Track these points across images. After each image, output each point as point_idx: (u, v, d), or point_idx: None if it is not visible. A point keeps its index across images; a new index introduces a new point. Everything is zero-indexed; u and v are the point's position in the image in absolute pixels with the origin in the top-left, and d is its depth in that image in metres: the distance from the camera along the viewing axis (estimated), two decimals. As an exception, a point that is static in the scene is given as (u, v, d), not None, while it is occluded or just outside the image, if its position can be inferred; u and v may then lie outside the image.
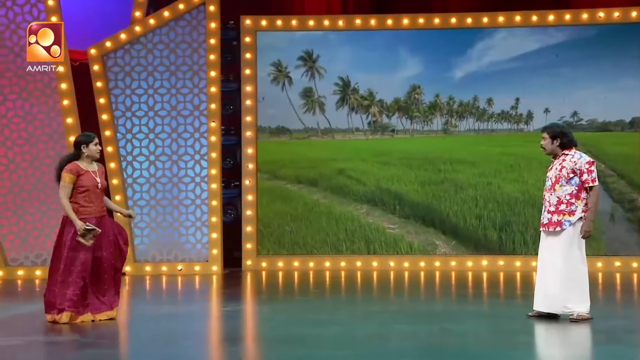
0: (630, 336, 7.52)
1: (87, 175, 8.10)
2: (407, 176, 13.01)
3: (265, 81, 13.08)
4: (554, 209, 8.01)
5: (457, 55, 12.91)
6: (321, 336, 7.49)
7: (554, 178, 8.08)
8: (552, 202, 8.04)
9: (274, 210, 13.06)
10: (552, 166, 8.22)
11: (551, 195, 8.06)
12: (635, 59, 12.40)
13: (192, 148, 12.45)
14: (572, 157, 8.06)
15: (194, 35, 12.43)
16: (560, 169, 8.05)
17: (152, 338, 7.50)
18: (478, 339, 7.43)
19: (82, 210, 8.02)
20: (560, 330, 7.74)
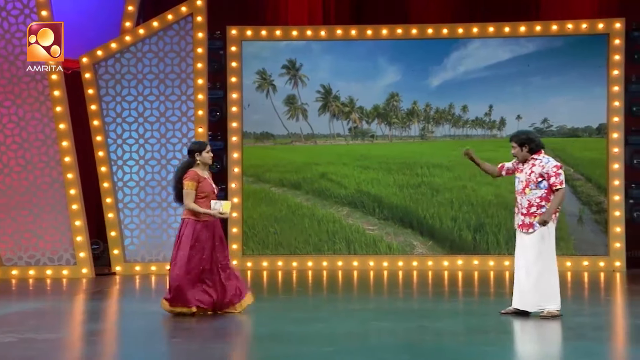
0: (598, 333, 7.56)
1: (206, 181, 8.23)
2: (386, 180, 13.03)
3: (250, 89, 13.06)
4: (525, 211, 8.07)
5: (434, 64, 12.94)
6: (304, 333, 7.48)
7: (524, 182, 8.12)
8: (523, 205, 8.08)
9: (259, 212, 13.03)
10: (521, 169, 8.24)
11: (522, 199, 8.10)
12: (601, 69, 12.48)
13: (180, 153, 12.40)
14: (540, 162, 8.11)
15: (181, 45, 12.40)
16: (530, 174, 8.10)
17: (141, 335, 7.46)
18: (454, 335, 7.44)
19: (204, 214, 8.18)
20: (532, 327, 7.76)
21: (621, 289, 10.82)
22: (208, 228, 8.28)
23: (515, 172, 8.27)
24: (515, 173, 8.27)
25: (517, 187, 8.18)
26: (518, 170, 8.24)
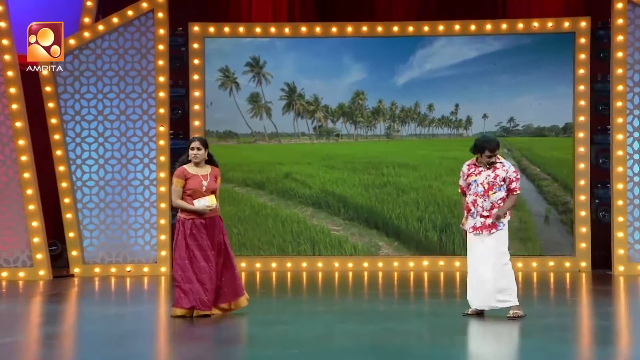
0: (563, 333, 7.64)
1: (194, 178, 8.30)
2: (351, 179, 13.05)
3: (213, 86, 13.01)
4: (487, 213, 8.26)
5: (399, 62, 12.99)
6: (268, 336, 7.47)
7: (486, 185, 8.27)
8: (485, 207, 8.27)
9: (222, 213, 12.84)
10: (477, 172, 8.33)
11: (484, 201, 8.27)
12: (568, 67, 12.61)
13: (141, 152, 12.33)
14: (503, 166, 8.32)
15: (142, 41, 12.32)
16: (494, 177, 8.27)
17: (100, 339, 7.39)
18: (420, 337, 7.47)
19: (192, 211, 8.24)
20: (497, 328, 7.83)
21: (586, 290, 10.96)
22: (206, 226, 8.28)
23: (469, 177, 8.38)
24: (468, 179, 8.38)
25: (476, 190, 8.31)
26: (473, 175, 8.35)
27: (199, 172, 8.40)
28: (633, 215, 12.02)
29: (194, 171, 8.39)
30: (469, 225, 8.35)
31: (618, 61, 12.08)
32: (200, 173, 8.39)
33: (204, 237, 8.29)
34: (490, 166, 8.31)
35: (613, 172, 12.11)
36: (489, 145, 8.25)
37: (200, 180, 8.34)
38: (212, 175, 8.46)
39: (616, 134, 12.09)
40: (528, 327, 7.81)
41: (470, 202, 8.33)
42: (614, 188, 12.09)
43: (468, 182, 8.38)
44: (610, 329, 7.92)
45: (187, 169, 8.38)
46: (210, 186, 8.40)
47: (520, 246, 12.61)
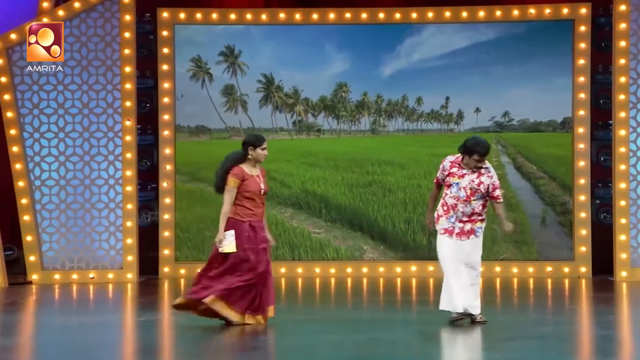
0: (561, 344, 7.67)
1: (252, 179, 8.26)
2: (334, 178, 13.05)
3: (183, 77, 12.97)
4: (467, 218, 8.44)
5: (386, 51, 13.01)
6: (242, 347, 7.46)
7: (469, 190, 8.38)
8: (466, 213, 8.43)
9: (193, 214, 12.96)
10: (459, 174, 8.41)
11: (466, 207, 8.42)
12: (566, 57, 12.67)
13: (106, 148, 12.28)
14: (488, 172, 8.46)
15: (107, 28, 12.27)
16: (478, 184, 8.40)
17: (61, 351, 7.36)
18: (407, 348, 7.49)
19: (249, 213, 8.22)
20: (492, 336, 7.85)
21: (586, 297, 11.01)
22: (254, 229, 8.29)
23: (449, 177, 8.45)
24: (448, 178, 8.46)
25: (458, 194, 8.41)
26: (456, 176, 8.41)
27: (254, 172, 8.36)
28: (636, 216, 12.09)
29: (250, 171, 8.34)
30: (442, 227, 8.48)
31: (620, 51, 12.14)
32: (254, 173, 8.36)
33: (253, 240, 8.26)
34: (475, 170, 8.36)
35: (615, 171, 12.17)
36: (480, 149, 8.31)
37: (257, 182, 8.32)
38: (263, 176, 8.44)
39: (618, 130, 12.15)
40: (524, 337, 7.84)
41: (450, 205, 8.44)
42: (616, 187, 12.15)
43: (448, 182, 8.46)
44: (611, 338, 7.96)
45: (244, 169, 8.31)
46: (266, 188, 8.42)
47: (515, 250, 12.66)
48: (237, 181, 8.22)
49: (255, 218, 8.29)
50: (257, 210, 8.30)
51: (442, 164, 8.52)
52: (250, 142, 8.35)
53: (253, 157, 8.32)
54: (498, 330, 8.13)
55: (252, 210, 8.27)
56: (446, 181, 8.48)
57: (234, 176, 8.22)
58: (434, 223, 8.57)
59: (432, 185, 8.74)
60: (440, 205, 8.54)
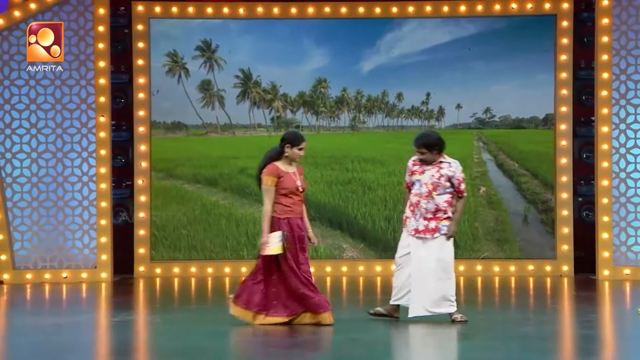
0: (542, 343, 7.71)
1: (288, 177, 8.33)
2: (313, 175, 13.05)
3: (159, 72, 12.93)
4: (431, 215, 8.47)
5: (365, 46, 13.02)
6: (220, 348, 7.45)
7: (430, 185, 8.45)
8: (429, 209, 8.47)
9: (169, 212, 12.93)
10: (420, 170, 8.51)
11: (428, 203, 8.47)
12: (548, 53, 12.73)
13: (79, 145, 12.23)
14: (449, 166, 8.52)
15: (80, 22, 12.21)
16: (439, 177, 8.47)
17: (33, 352, 7.33)
18: (387, 348, 7.50)
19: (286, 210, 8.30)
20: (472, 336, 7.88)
21: (569, 296, 11.08)
22: (291, 226, 8.32)
23: (412, 175, 8.57)
24: (411, 177, 8.58)
25: (420, 190, 8.48)
26: (417, 173, 8.52)
27: (290, 169, 8.40)
28: (619, 214, 12.16)
29: (286, 168, 8.38)
30: (411, 227, 8.54)
31: (603, 46, 12.21)
32: (290, 171, 8.39)
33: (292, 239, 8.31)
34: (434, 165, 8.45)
35: (597, 168, 12.25)
36: (415, 141, 8.50)
37: (294, 179, 8.36)
38: (300, 173, 8.47)
39: (601, 126, 12.23)
40: (505, 337, 7.87)
41: (414, 202, 8.49)
42: (599, 185, 12.22)
43: (412, 182, 8.55)
44: (593, 338, 8.01)
45: (279, 166, 8.35)
46: (304, 185, 8.45)
47: (496, 248, 12.72)
48: (274, 179, 8.30)
49: (293, 215, 8.34)
50: (294, 207, 8.36)
51: (407, 165, 8.65)
52: (288, 140, 8.41)
53: (289, 156, 8.38)
54: (479, 330, 8.16)
55: (290, 207, 8.34)
56: (411, 181, 8.58)
57: (269, 174, 8.31)
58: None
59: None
60: (407, 207, 8.62)
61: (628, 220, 12.13)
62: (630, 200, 12.13)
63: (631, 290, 11.23)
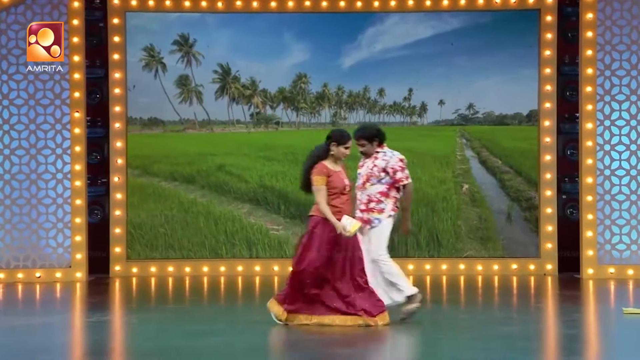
0: (527, 343, 7.74)
1: (336, 175, 8.31)
2: (293, 173, 13.03)
3: (135, 67, 12.88)
4: (364, 207, 8.53)
5: (347, 41, 13.01)
6: (198, 348, 7.45)
7: (364, 176, 8.55)
8: (362, 200, 8.55)
9: (146, 210, 12.88)
10: (362, 163, 8.66)
11: (362, 194, 8.55)
12: (532, 48, 12.76)
13: (53, 141, 12.18)
14: (384, 156, 8.59)
15: (54, 15, 12.15)
16: (372, 167, 8.55)
17: (6, 353, 7.29)
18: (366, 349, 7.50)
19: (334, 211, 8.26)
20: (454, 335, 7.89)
21: (552, 295, 11.12)
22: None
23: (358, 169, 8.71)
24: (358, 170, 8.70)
25: (358, 182, 8.61)
26: (360, 167, 8.69)
27: (337, 168, 8.40)
28: (603, 212, 12.21)
29: (333, 167, 8.37)
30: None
31: (587, 41, 12.26)
32: (337, 169, 8.39)
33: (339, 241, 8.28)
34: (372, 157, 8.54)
35: (582, 165, 12.30)
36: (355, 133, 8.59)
37: (342, 178, 8.35)
38: (344, 172, 8.45)
39: (585, 123, 12.27)
40: (488, 336, 7.89)
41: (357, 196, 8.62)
42: (583, 182, 12.28)
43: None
44: (577, 337, 8.05)
45: (327, 165, 8.35)
46: (350, 184, 8.41)
47: (479, 247, 12.75)
48: (324, 178, 8.29)
49: (341, 215, 8.29)
50: (343, 207, 8.33)
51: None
52: (334, 138, 8.40)
53: (335, 154, 8.36)
54: (462, 329, 8.18)
55: (339, 207, 8.30)
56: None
57: (319, 174, 8.29)
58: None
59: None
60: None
61: (612, 218, 12.19)
62: (615, 198, 12.19)
63: (615, 289, 11.29)
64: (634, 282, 11.74)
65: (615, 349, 7.64)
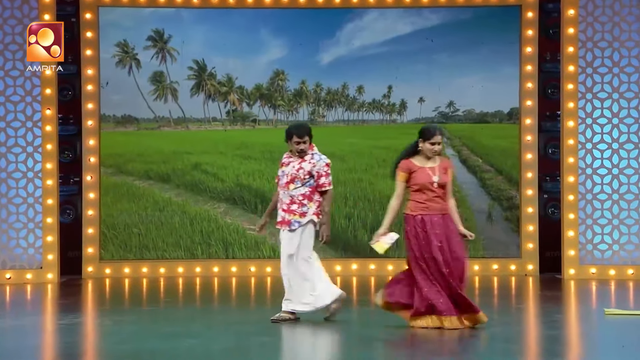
0: (506, 345, 7.77)
1: (422, 171, 8.31)
2: (270, 171, 13.03)
3: (109, 64, 12.84)
4: (286, 207, 8.59)
5: (325, 37, 13.02)
6: (173, 351, 7.44)
7: (289, 176, 8.58)
8: (284, 201, 8.60)
9: (120, 210, 12.85)
10: (287, 161, 8.66)
11: (285, 194, 8.60)
12: (513, 45, 12.81)
13: (24, 139, 12.12)
14: (311, 158, 8.66)
15: (24, 10, 12.10)
16: (298, 169, 8.59)
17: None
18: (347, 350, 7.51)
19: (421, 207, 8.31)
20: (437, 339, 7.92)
21: (534, 295, 11.17)
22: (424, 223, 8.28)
23: (282, 166, 8.70)
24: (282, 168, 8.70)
25: (282, 181, 8.63)
26: (283, 165, 8.68)
27: (427, 164, 8.36)
28: (585, 211, 12.28)
29: (421, 163, 8.36)
30: (277, 221, 8.69)
31: (569, 38, 12.32)
32: (428, 165, 8.36)
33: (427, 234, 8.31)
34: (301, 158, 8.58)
35: (563, 164, 12.36)
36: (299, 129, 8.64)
37: (428, 174, 8.31)
38: (441, 168, 8.39)
39: (567, 121, 12.34)
40: (468, 337, 7.92)
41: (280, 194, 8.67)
42: (564, 181, 12.34)
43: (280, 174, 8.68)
44: (559, 339, 8.09)
45: (413, 161, 8.35)
46: (442, 180, 8.35)
47: (460, 247, 12.77)
48: (404, 174, 8.34)
49: (428, 212, 8.29)
50: (430, 204, 8.30)
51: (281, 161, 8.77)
52: (421, 134, 8.42)
53: (423, 150, 8.37)
54: (442, 331, 8.20)
55: (424, 203, 8.30)
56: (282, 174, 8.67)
57: (400, 169, 8.37)
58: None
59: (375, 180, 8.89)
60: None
61: (594, 218, 12.26)
62: (597, 197, 12.27)
63: (597, 290, 11.36)
64: (616, 282, 11.82)
65: (597, 350, 7.69)
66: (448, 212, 8.40)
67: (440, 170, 8.40)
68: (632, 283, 11.73)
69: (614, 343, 7.87)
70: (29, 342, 8.06)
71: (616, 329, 8.50)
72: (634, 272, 12.08)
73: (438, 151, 8.37)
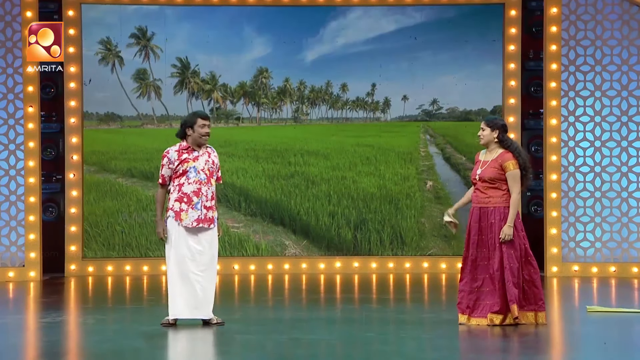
0: (490, 343, 7.78)
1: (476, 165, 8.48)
2: (254, 169, 13.04)
3: (92, 61, 12.80)
4: (209, 204, 8.40)
5: (309, 35, 13.02)
6: (155, 349, 7.40)
7: (207, 172, 8.43)
8: (208, 196, 8.41)
9: (103, 208, 12.81)
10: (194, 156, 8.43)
11: (208, 190, 8.41)
12: (496, 43, 12.85)
13: (6, 136, 12.09)
14: (213, 152, 8.57)
15: (6, 7, 12.06)
16: (213, 163, 8.50)
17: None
18: (330, 348, 7.52)
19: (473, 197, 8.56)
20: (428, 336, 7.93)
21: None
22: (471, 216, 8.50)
23: (182, 164, 8.39)
24: (180, 166, 8.40)
25: (199, 177, 8.36)
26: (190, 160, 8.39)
27: (489, 157, 8.45)
28: (568, 209, 12.33)
29: (483, 157, 8.50)
30: (193, 219, 8.30)
31: (552, 36, 12.36)
32: (483, 159, 8.47)
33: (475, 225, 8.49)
34: (202, 150, 8.42)
35: (546, 161, 12.41)
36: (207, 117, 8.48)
37: (475, 169, 8.48)
38: (494, 162, 8.38)
39: (549, 119, 12.38)
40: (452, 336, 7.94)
41: (192, 191, 8.30)
42: (547, 179, 12.38)
43: (183, 170, 8.33)
44: (542, 336, 8.11)
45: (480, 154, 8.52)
46: (484, 174, 8.37)
47: (444, 245, 12.82)
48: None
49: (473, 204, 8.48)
50: (474, 197, 8.48)
51: (167, 157, 8.42)
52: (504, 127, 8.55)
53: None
54: (425, 329, 8.22)
55: (475, 194, 8.49)
56: (178, 171, 8.37)
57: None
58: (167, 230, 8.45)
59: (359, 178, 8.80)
60: (176, 201, 8.35)
61: (577, 216, 12.31)
62: (579, 195, 12.32)
63: (579, 287, 11.41)
64: (598, 280, 11.87)
65: (579, 347, 7.72)
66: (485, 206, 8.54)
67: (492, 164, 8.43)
68: (614, 280, 11.79)
69: (596, 340, 7.90)
70: (11, 341, 8.04)
71: (598, 326, 8.54)
72: (616, 270, 12.14)
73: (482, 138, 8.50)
